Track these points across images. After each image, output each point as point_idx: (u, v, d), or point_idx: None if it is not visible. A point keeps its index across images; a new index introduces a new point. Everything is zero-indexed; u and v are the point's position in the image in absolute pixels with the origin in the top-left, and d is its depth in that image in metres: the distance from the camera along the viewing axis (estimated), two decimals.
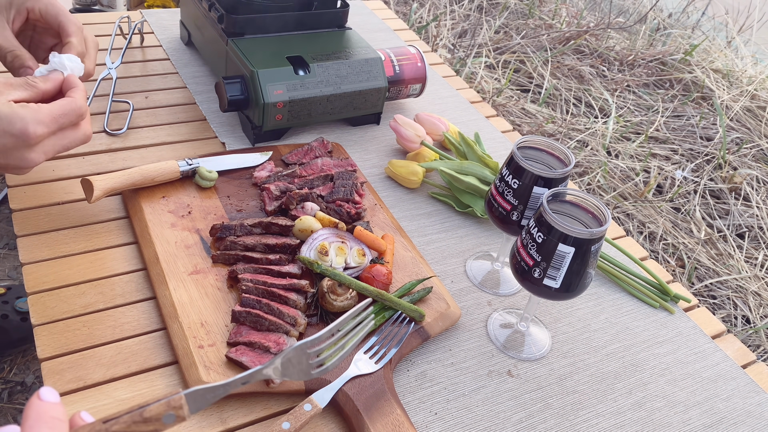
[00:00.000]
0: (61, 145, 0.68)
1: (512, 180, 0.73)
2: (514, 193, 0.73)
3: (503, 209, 0.74)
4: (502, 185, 0.74)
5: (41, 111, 0.65)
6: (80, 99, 0.69)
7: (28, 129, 0.63)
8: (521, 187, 0.72)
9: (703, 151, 2.23)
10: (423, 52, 1.12)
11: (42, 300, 0.71)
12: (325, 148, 0.96)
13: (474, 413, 0.69)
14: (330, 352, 0.52)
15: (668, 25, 3.05)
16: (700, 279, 1.81)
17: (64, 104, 0.67)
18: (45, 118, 0.64)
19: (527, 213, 0.72)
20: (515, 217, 0.74)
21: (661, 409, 0.73)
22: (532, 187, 0.72)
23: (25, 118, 0.63)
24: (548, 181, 0.71)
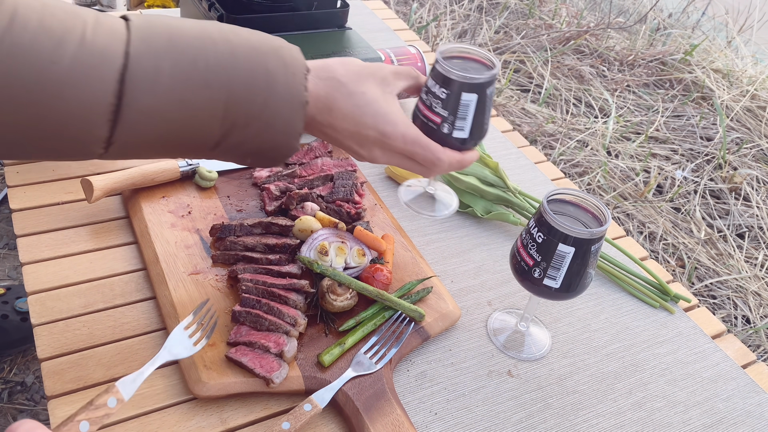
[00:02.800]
0: (401, 164, 0.66)
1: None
2: (442, 103, 0.67)
3: (433, 123, 0.67)
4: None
5: (410, 129, 0.63)
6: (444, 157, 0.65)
7: (392, 135, 0.62)
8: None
9: (703, 151, 2.23)
10: (423, 52, 1.12)
11: (42, 300, 0.71)
12: (325, 148, 0.96)
13: (474, 413, 0.69)
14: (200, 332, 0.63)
15: (668, 25, 3.05)
16: (700, 279, 1.81)
17: (429, 146, 0.64)
18: (410, 138, 0.63)
19: (459, 124, 0.66)
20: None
21: (661, 409, 0.73)
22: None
23: (398, 126, 0.62)
24: (479, 87, 0.65)
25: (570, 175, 2.09)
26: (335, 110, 0.61)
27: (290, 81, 0.57)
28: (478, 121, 0.66)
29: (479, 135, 0.67)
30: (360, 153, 0.65)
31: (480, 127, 0.67)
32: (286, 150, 0.59)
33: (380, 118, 0.62)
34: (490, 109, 0.67)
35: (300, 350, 0.68)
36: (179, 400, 0.65)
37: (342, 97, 0.61)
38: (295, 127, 0.58)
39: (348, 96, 0.61)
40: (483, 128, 0.67)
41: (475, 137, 0.67)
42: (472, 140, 0.67)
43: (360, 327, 0.71)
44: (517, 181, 1.03)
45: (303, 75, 0.58)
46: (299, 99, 0.57)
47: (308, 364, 0.67)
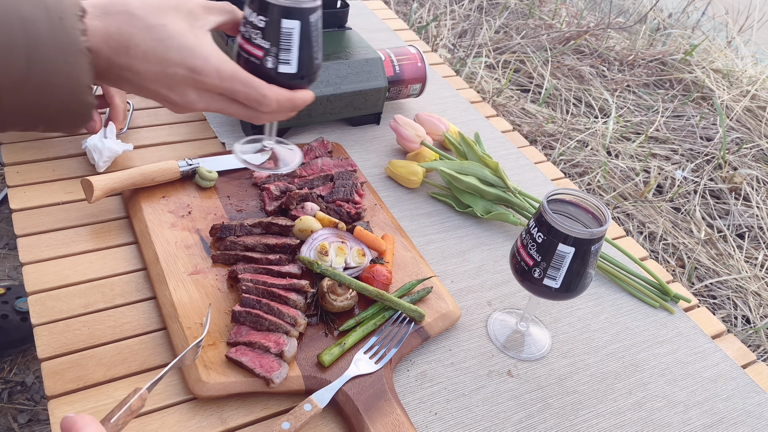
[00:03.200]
0: (224, 109, 0.59)
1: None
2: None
3: (255, 58, 0.60)
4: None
5: (226, 63, 0.56)
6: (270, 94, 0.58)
7: (204, 70, 0.55)
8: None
9: (703, 151, 2.23)
10: (423, 52, 1.12)
11: (42, 300, 0.71)
12: (325, 148, 0.96)
13: (474, 413, 0.69)
14: None
15: (668, 25, 3.05)
16: (700, 279, 1.81)
17: (251, 81, 0.57)
18: (226, 73, 0.56)
19: (283, 56, 0.60)
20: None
21: (661, 409, 0.73)
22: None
23: (209, 59, 0.55)
24: (300, 12, 0.60)
25: (570, 175, 2.09)
26: (133, 48, 0.53)
27: (56, 27, 0.49)
28: (305, 54, 0.59)
29: (310, 70, 0.61)
30: (172, 98, 0.57)
31: (309, 61, 0.60)
32: (78, 108, 0.52)
33: (187, 52, 0.54)
34: (318, 40, 0.61)
35: (300, 350, 0.68)
36: (179, 400, 0.65)
37: (139, 32, 0.53)
38: (80, 80, 0.50)
39: (146, 30, 0.53)
40: (313, 62, 0.61)
41: (306, 72, 0.60)
42: (303, 76, 0.60)
43: (360, 327, 0.71)
44: (517, 181, 1.03)
45: (75, 17, 0.50)
46: (76, 46, 0.49)
47: (308, 364, 0.67)
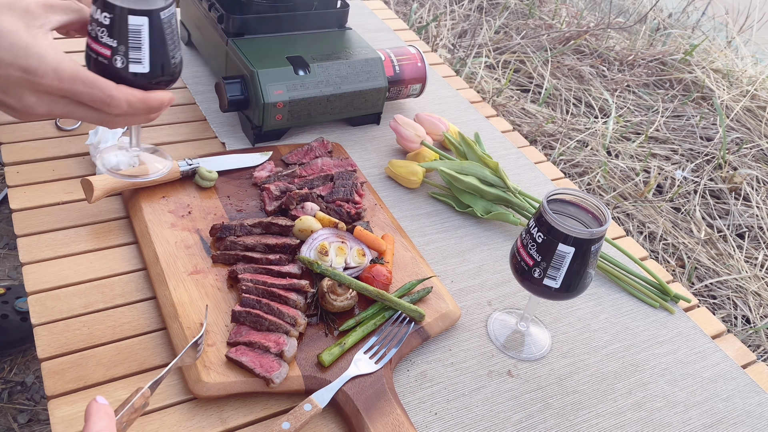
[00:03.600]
0: (70, 113, 0.55)
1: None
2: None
3: (103, 57, 0.56)
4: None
5: (65, 63, 0.52)
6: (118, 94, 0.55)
7: (39, 70, 0.51)
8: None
9: (703, 151, 2.23)
10: (423, 52, 1.12)
11: (42, 300, 0.71)
12: (325, 148, 0.96)
13: (474, 413, 0.69)
14: None
15: (668, 25, 3.05)
16: (700, 279, 1.81)
17: (96, 81, 0.53)
18: (65, 73, 0.52)
19: (133, 55, 0.56)
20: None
21: (661, 409, 0.73)
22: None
23: (45, 59, 0.51)
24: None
25: (570, 175, 2.09)
26: None
27: None
28: (157, 51, 0.56)
29: (165, 69, 0.58)
30: (8, 102, 0.53)
31: (164, 59, 0.57)
32: None
33: (19, 52, 0.50)
34: (174, 38, 0.58)
35: (300, 350, 0.68)
36: (179, 400, 0.65)
37: None
38: None
39: None
40: (169, 61, 0.58)
41: (160, 72, 0.57)
42: (157, 76, 0.57)
43: (360, 327, 0.71)
44: (517, 181, 1.03)
45: None
46: None
47: (308, 363, 0.67)
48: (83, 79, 0.52)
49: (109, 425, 0.48)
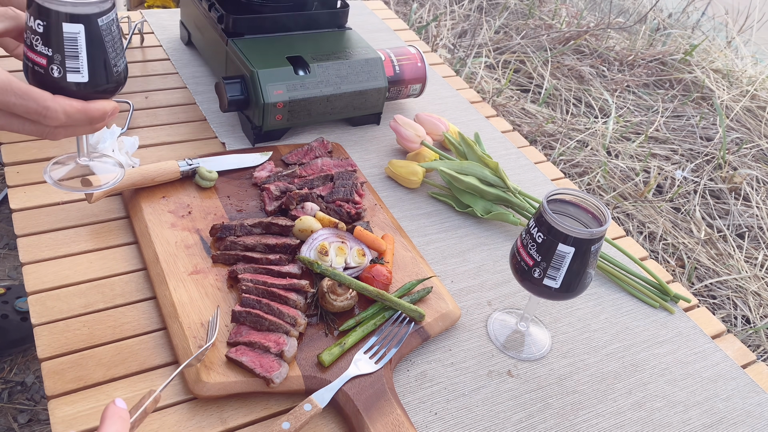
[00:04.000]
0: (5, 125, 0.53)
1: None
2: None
3: (40, 66, 0.54)
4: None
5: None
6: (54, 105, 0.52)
7: None
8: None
9: (703, 151, 2.23)
10: (423, 52, 1.12)
11: (42, 300, 0.71)
12: (325, 148, 0.96)
13: (474, 413, 0.69)
14: None
15: (668, 25, 3.05)
16: (700, 279, 1.81)
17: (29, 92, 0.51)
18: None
19: (70, 64, 0.53)
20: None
21: (661, 409, 0.73)
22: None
23: None
24: (82, 15, 0.53)
25: (570, 175, 2.09)
26: None
27: None
28: (96, 59, 0.53)
29: (107, 78, 0.55)
30: None
31: (105, 68, 0.54)
32: None
33: None
34: (115, 45, 0.55)
35: (300, 350, 0.68)
36: (179, 400, 0.65)
37: None
38: None
39: None
40: (111, 69, 0.55)
41: (100, 81, 0.54)
42: (97, 85, 0.54)
43: (360, 327, 0.71)
44: (517, 181, 1.03)
45: None
46: None
47: (308, 363, 0.67)
48: (15, 90, 0.50)
49: (123, 429, 0.48)
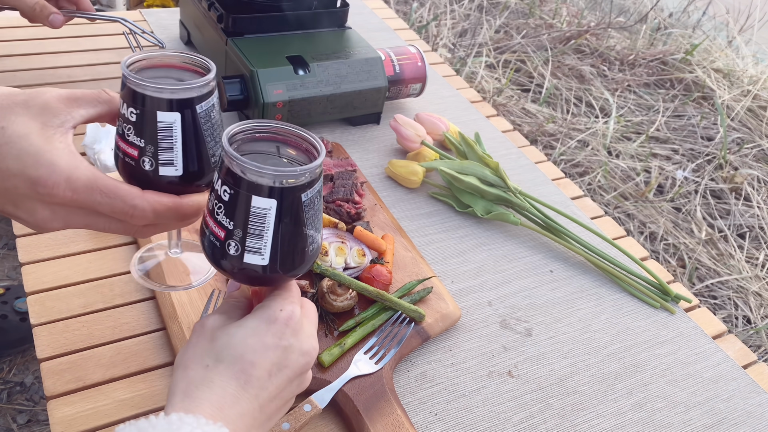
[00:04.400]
0: (91, 225, 0.49)
1: (129, 110, 0.48)
2: (135, 129, 0.48)
3: (130, 158, 0.48)
4: (121, 122, 0.50)
5: (80, 170, 0.46)
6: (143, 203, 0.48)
7: (50, 180, 0.44)
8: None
9: (704, 151, 2.23)
10: (423, 52, 1.12)
11: (41, 300, 0.71)
12: (325, 148, 0.96)
13: (474, 414, 0.68)
14: None
15: (669, 24, 3.05)
16: (701, 279, 1.80)
17: (116, 190, 0.47)
18: (80, 183, 0.45)
19: (163, 156, 0.48)
20: (148, 165, 0.49)
21: (661, 409, 0.73)
22: (156, 114, 0.48)
23: (57, 167, 0.44)
24: (179, 103, 0.47)
25: (570, 174, 2.08)
26: None
27: None
28: (192, 150, 0.49)
29: (201, 170, 0.50)
30: (20, 216, 0.47)
31: (200, 159, 0.49)
32: None
33: (29, 160, 0.44)
34: (213, 133, 0.50)
35: None
36: None
37: None
38: None
39: None
40: (205, 160, 0.50)
41: (196, 174, 0.50)
42: (192, 178, 0.50)
43: (360, 327, 0.71)
44: (517, 181, 1.03)
45: None
46: None
47: None
48: (101, 188, 0.46)
49: None
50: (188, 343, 0.47)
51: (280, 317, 0.47)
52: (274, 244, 0.45)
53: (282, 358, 0.46)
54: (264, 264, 0.46)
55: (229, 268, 0.47)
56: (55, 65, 1.08)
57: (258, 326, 0.46)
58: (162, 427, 0.39)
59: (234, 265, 0.46)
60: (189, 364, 0.45)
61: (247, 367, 0.44)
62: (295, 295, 0.49)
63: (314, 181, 0.45)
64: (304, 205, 0.45)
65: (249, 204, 0.44)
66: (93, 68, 1.09)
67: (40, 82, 1.04)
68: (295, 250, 0.47)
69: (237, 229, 0.45)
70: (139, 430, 0.39)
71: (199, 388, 0.43)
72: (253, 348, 0.45)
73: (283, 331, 0.46)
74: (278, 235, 0.45)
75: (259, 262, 0.46)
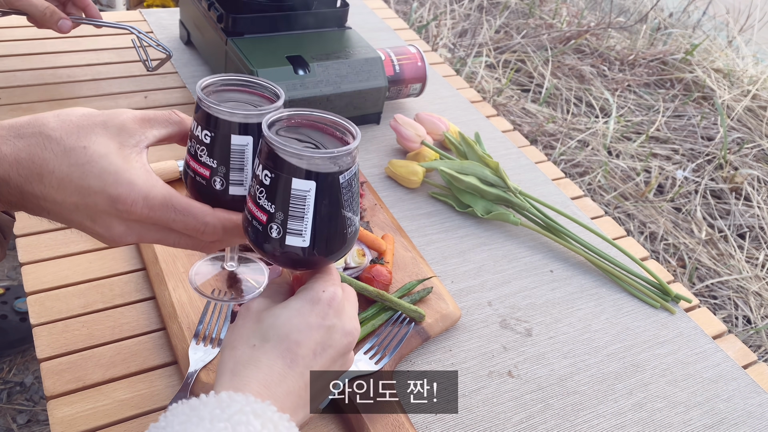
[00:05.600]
0: (163, 240, 0.51)
1: (203, 132, 0.50)
2: (209, 151, 0.50)
3: (201, 177, 0.51)
4: (194, 143, 0.52)
5: (157, 189, 0.48)
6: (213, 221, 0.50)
7: (129, 198, 0.47)
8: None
9: (704, 151, 2.23)
10: (423, 52, 1.12)
11: (41, 300, 0.71)
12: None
13: (474, 414, 0.68)
14: None
15: (669, 24, 3.05)
16: (701, 279, 1.80)
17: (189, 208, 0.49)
18: (156, 201, 0.48)
19: (234, 176, 0.50)
20: (219, 185, 0.51)
21: (661, 409, 0.73)
22: (230, 137, 0.50)
23: (136, 185, 0.47)
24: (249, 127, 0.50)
25: (570, 174, 2.08)
26: (47, 176, 0.46)
27: None
28: None
29: None
30: (96, 231, 0.49)
31: None
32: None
33: (109, 178, 0.46)
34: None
35: None
36: None
37: (54, 157, 0.46)
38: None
39: (63, 154, 0.46)
40: None
41: None
42: None
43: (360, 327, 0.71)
44: (517, 181, 1.02)
45: None
46: None
47: None
48: (176, 206, 0.48)
49: None
50: (234, 324, 0.49)
51: (323, 298, 0.48)
52: (315, 226, 0.47)
53: (326, 337, 0.47)
54: (305, 246, 0.47)
55: (271, 251, 0.48)
56: (55, 65, 1.08)
57: (302, 307, 0.47)
58: (212, 405, 0.40)
59: (276, 248, 0.48)
60: (236, 344, 0.47)
61: (293, 346, 0.46)
62: (335, 277, 0.51)
63: (351, 163, 0.47)
64: (342, 187, 0.47)
65: (289, 187, 0.46)
66: (93, 68, 1.09)
67: (40, 82, 1.04)
68: (335, 232, 0.48)
69: (278, 212, 0.46)
70: (191, 408, 0.41)
71: (246, 367, 0.45)
72: (298, 328, 0.46)
73: (326, 312, 0.47)
74: (318, 217, 0.47)
75: (300, 244, 0.47)
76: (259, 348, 0.46)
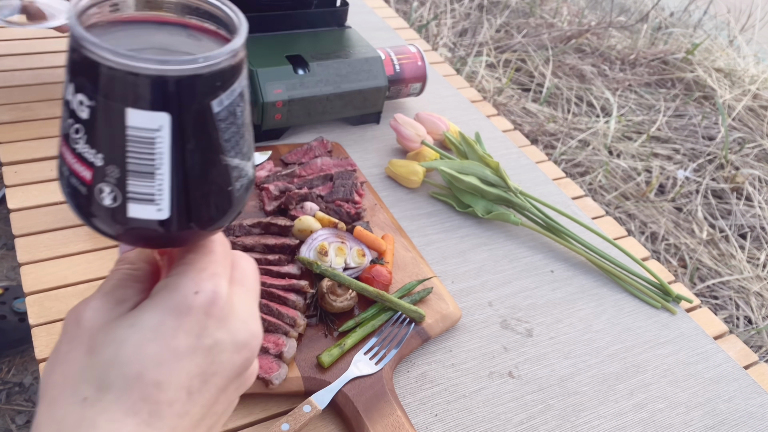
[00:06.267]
0: None
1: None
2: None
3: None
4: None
5: None
6: None
7: None
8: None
9: (705, 151, 2.22)
10: (423, 51, 1.12)
11: (40, 300, 0.71)
12: (325, 148, 0.96)
13: (475, 414, 0.68)
14: None
15: (670, 24, 3.04)
16: (702, 279, 1.80)
17: None
18: None
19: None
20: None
21: (662, 410, 0.73)
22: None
23: None
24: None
25: (571, 174, 2.08)
26: None
27: None
28: None
29: None
30: None
31: None
32: None
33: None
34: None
35: (299, 351, 0.68)
36: None
37: None
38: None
39: None
40: None
41: None
42: None
43: (360, 328, 0.71)
44: (517, 180, 1.02)
45: None
46: None
47: (308, 365, 0.67)
48: None
49: None
50: (55, 349, 0.32)
51: (196, 304, 0.30)
52: (176, 185, 0.28)
53: (206, 364, 0.31)
54: (162, 218, 0.29)
55: (107, 227, 0.30)
56: (54, 65, 1.08)
57: (162, 322, 0.30)
58: None
59: (113, 222, 0.29)
60: (57, 396, 0.30)
61: (152, 392, 0.29)
62: (217, 261, 0.33)
63: (231, 78, 0.28)
64: (218, 120, 0.28)
65: (123, 122, 0.26)
66: None
67: (39, 82, 1.04)
68: (211, 190, 0.30)
69: (110, 165, 0.27)
70: None
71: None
72: (157, 359, 0.29)
73: (203, 324, 0.30)
74: (180, 170, 0.28)
75: (153, 215, 0.28)
76: (93, 403, 0.29)
